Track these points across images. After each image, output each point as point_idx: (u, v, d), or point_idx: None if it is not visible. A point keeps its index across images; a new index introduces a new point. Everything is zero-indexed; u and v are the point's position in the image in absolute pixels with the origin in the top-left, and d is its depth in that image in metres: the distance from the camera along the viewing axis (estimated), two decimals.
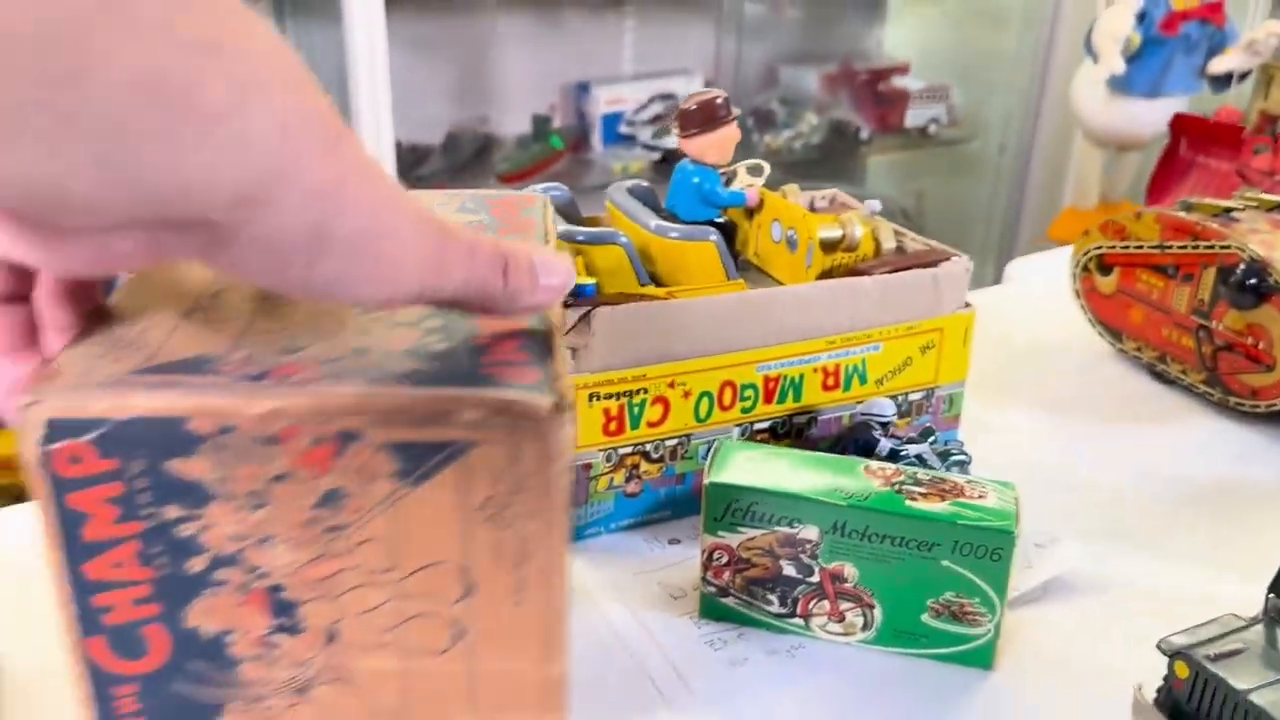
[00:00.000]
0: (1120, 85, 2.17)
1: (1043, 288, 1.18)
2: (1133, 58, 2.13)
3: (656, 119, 2.45)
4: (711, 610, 0.65)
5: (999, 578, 0.59)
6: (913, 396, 0.78)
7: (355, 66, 1.94)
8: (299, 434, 0.34)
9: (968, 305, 0.77)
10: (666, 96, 2.50)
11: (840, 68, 2.68)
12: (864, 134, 2.61)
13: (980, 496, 0.60)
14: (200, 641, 0.37)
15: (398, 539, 0.36)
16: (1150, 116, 2.17)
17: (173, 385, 0.34)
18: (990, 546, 0.58)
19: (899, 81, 2.69)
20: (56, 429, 0.33)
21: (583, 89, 2.48)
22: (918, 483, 0.62)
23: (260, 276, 0.29)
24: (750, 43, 2.61)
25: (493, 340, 0.37)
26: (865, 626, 0.63)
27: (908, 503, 0.60)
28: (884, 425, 0.72)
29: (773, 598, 0.63)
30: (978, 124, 2.78)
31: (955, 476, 0.63)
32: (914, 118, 2.65)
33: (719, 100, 0.73)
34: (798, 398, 0.73)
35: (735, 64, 2.59)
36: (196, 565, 0.36)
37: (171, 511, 0.34)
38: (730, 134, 0.74)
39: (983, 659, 0.62)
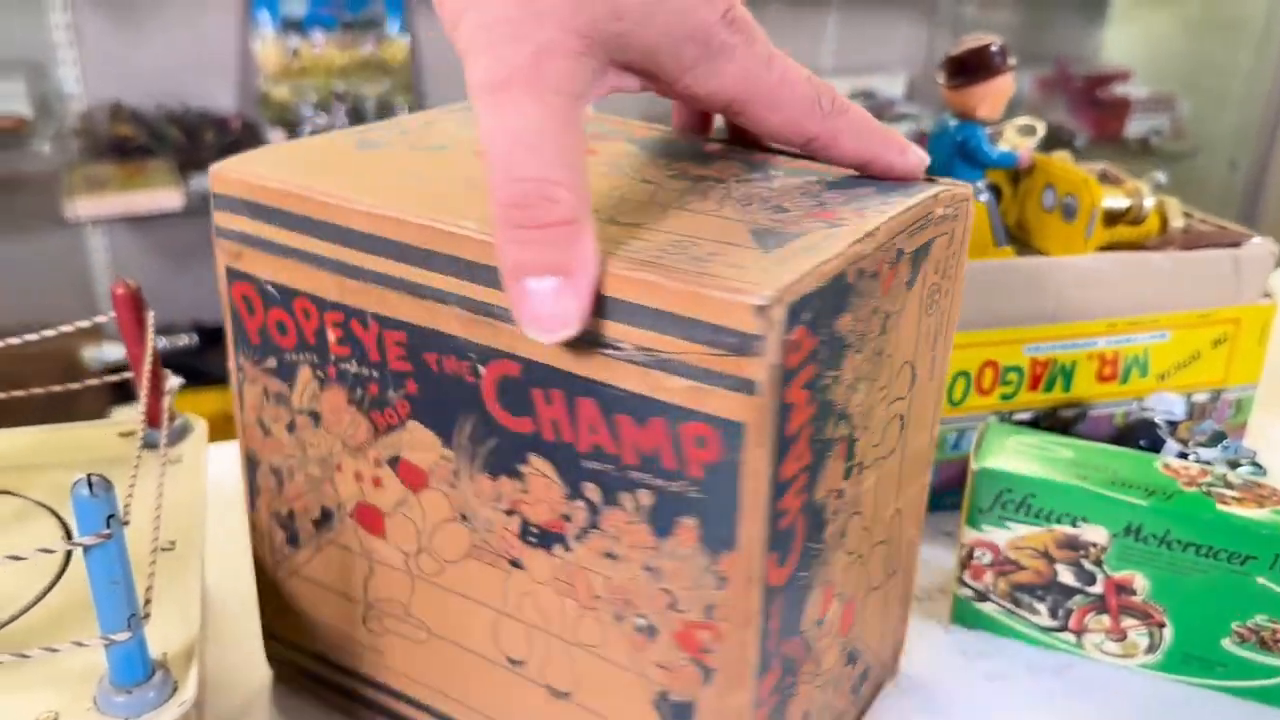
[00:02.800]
0: None
1: None
2: None
3: None
4: (966, 616, 0.57)
5: None
6: (1197, 397, 0.68)
7: None
8: (883, 265, 0.37)
9: (1268, 296, 0.67)
10: (866, 94, 2.41)
11: (1055, 71, 2.53)
12: (1079, 141, 2.45)
13: None
14: (817, 512, 0.38)
15: (893, 348, 0.39)
16: None
17: (794, 256, 0.34)
18: None
19: (1119, 88, 2.52)
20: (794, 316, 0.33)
21: None
22: (1229, 485, 0.52)
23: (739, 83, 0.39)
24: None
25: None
26: (1151, 649, 0.54)
27: (1219, 506, 0.51)
28: (1171, 425, 0.63)
29: (1041, 607, 0.55)
30: (1204, 137, 2.58)
31: (1273, 483, 0.53)
32: (1135, 127, 2.47)
33: (994, 47, 0.65)
34: (1067, 387, 0.64)
35: None
36: (833, 430, 0.37)
37: (828, 376, 0.35)
38: (1005, 86, 0.66)
39: None
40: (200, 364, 1.43)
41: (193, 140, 1.95)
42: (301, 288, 0.41)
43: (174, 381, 0.52)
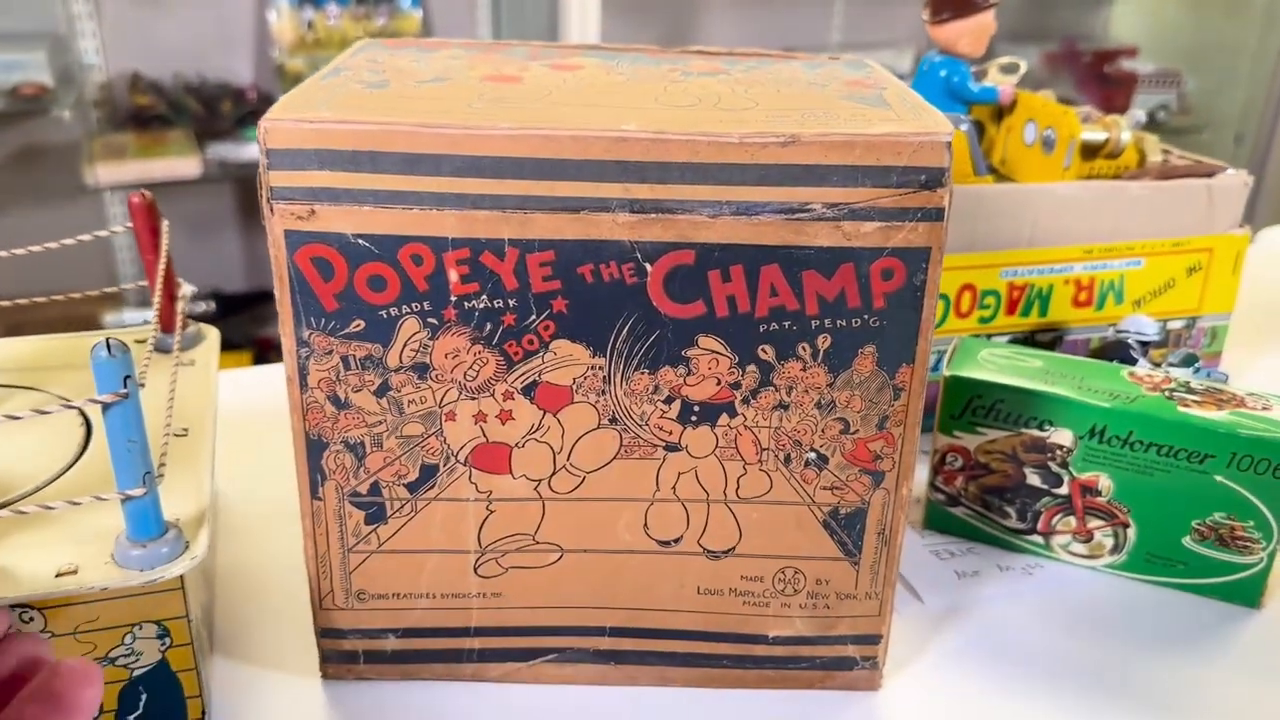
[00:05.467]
0: None
1: None
2: None
3: None
4: (938, 520, 0.60)
5: None
6: (1172, 324, 0.70)
7: (567, 28, 1.95)
8: None
9: (1242, 227, 0.69)
10: None
11: (1062, 46, 2.54)
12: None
13: (1265, 409, 0.53)
14: None
15: None
16: None
17: None
18: (1275, 462, 0.51)
19: (1126, 64, 2.53)
20: None
21: None
22: (1190, 390, 0.55)
23: None
24: None
25: None
26: (1115, 549, 0.56)
27: (1180, 409, 0.53)
28: (1144, 346, 0.66)
29: (1010, 510, 0.58)
30: (1211, 113, 2.59)
31: (1233, 388, 0.56)
32: (1141, 103, 2.48)
33: None
34: (1044, 312, 0.67)
35: None
36: None
37: None
38: (986, 23, 0.68)
39: (1249, 594, 0.55)
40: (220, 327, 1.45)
41: (210, 111, 1.99)
42: (409, 232, 0.40)
43: (187, 289, 0.55)
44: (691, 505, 0.45)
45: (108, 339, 0.37)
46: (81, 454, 0.46)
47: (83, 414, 0.49)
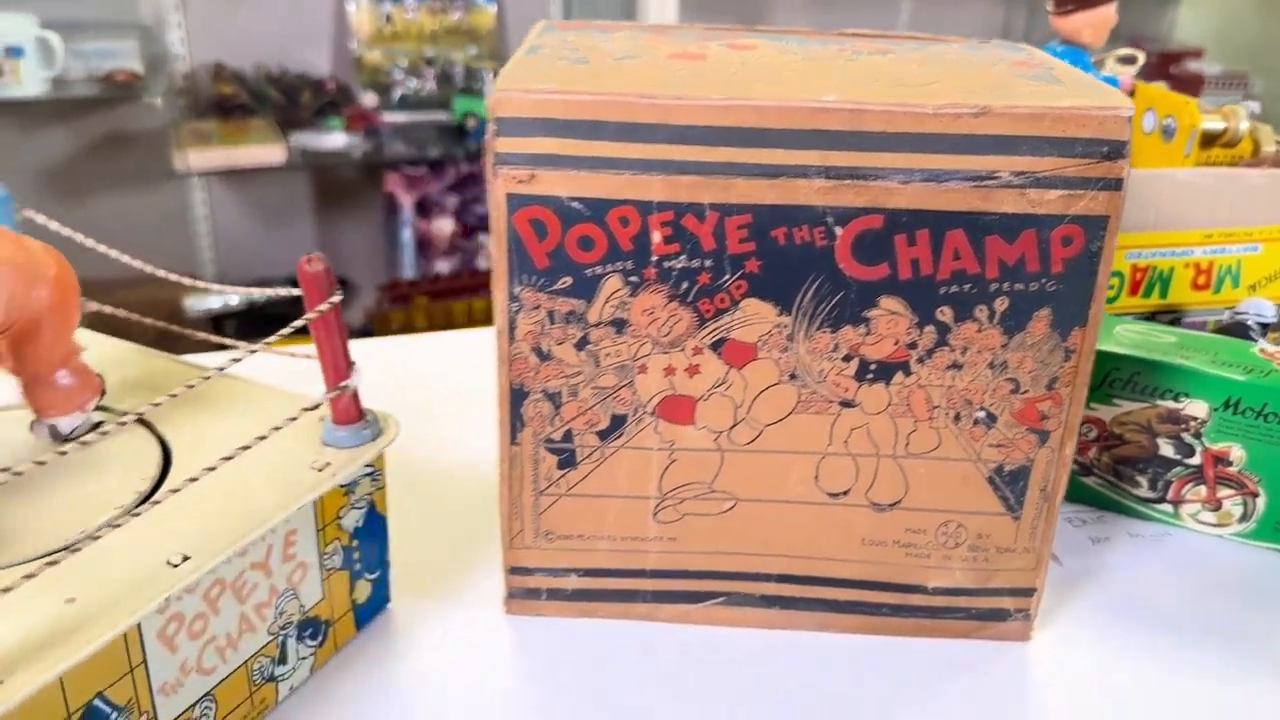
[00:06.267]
0: None
1: None
2: None
3: None
4: (1070, 490, 0.62)
5: None
6: None
7: (644, 18, 1.99)
8: None
9: None
10: None
11: (1129, 47, 2.54)
12: None
13: None
14: None
15: None
16: None
17: None
18: None
19: (1192, 65, 2.53)
20: None
21: None
22: None
23: None
24: (1039, 16, 2.52)
25: None
26: (1243, 518, 0.59)
27: None
28: (1263, 328, 0.68)
29: (1142, 480, 0.60)
30: (1277, 115, 2.59)
31: None
32: (1207, 104, 2.48)
33: None
34: (1164, 294, 0.69)
35: (1022, 40, 2.50)
36: None
37: None
38: (1108, 15, 0.71)
39: None
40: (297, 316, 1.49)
41: (290, 100, 2.04)
42: (619, 196, 0.43)
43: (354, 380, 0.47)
44: (862, 460, 0.48)
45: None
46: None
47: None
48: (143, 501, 0.42)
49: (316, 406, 0.45)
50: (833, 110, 0.42)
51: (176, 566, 0.38)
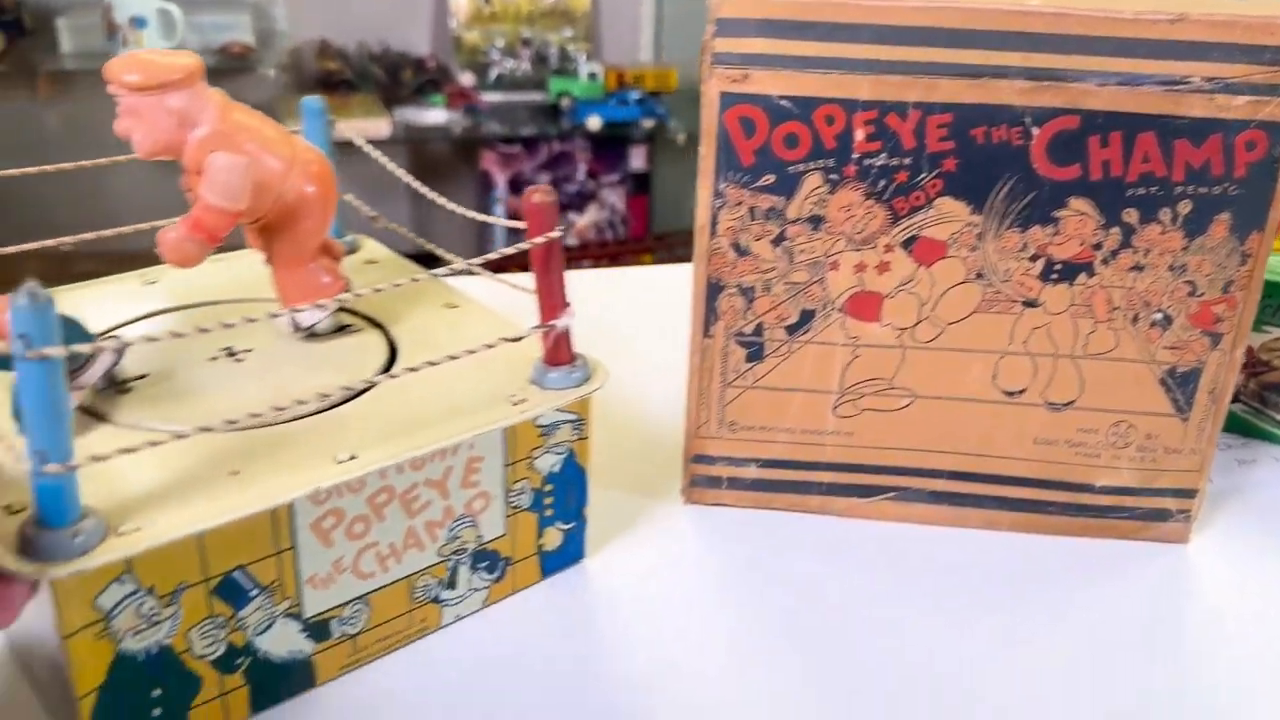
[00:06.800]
0: None
1: None
2: None
3: None
4: None
5: None
6: None
7: None
8: None
9: None
10: None
11: None
12: None
13: None
14: None
15: None
16: None
17: None
18: None
19: None
20: None
21: None
22: None
23: None
24: None
25: None
26: None
27: None
28: None
29: None
30: None
31: None
32: None
33: None
34: None
35: None
36: None
37: None
38: None
39: None
40: None
41: (392, 78, 2.10)
42: (827, 95, 0.46)
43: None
44: (1040, 359, 0.50)
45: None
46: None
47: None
48: (343, 402, 0.44)
49: (519, 339, 0.45)
50: (1035, 14, 0.44)
51: (340, 463, 0.40)
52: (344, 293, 0.48)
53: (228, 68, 1.94)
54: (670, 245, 2.42)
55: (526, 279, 0.46)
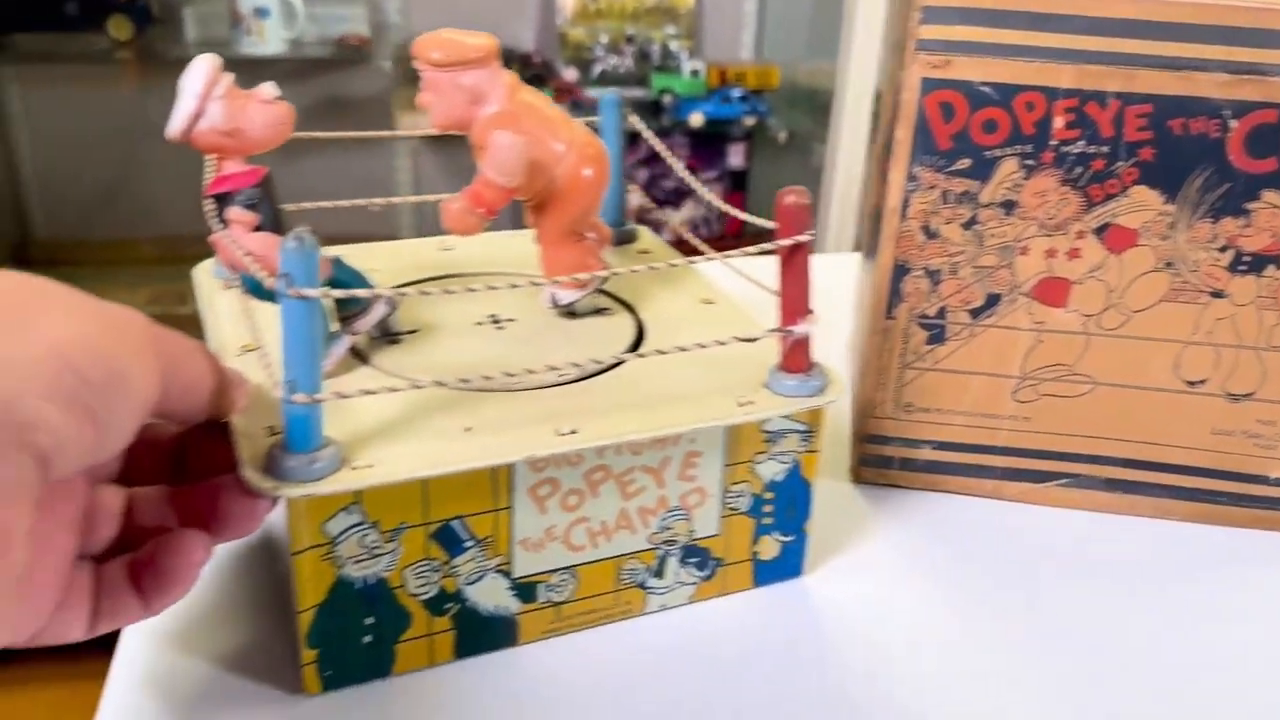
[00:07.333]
0: None
1: None
2: None
3: None
4: None
5: None
6: None
7: None
8: None
9: None
10: None
11: None
12: None
13: None
14: None
15: None
16: None
17: None
18: None
19: None
20: None
21: None
22: None
23: None
24: None
25: None
26: None
27: None
28: None
29: None
30: None
31: None
32: None
33: None
34: None
35: None
36: None
37: None
38: None
39: None
40: None
41: None
42: (1028, 82, 0.47)
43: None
44: (1223, 350, 0.51)
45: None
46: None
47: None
48: (580, 380, 0.45)
49: (753, 339, 0.44)
50: (1238, 8, 0.45)
51: (560, 435, 0.41)
52: (600, 274, 0.47)
53: (343, 58, 1.99)
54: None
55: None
